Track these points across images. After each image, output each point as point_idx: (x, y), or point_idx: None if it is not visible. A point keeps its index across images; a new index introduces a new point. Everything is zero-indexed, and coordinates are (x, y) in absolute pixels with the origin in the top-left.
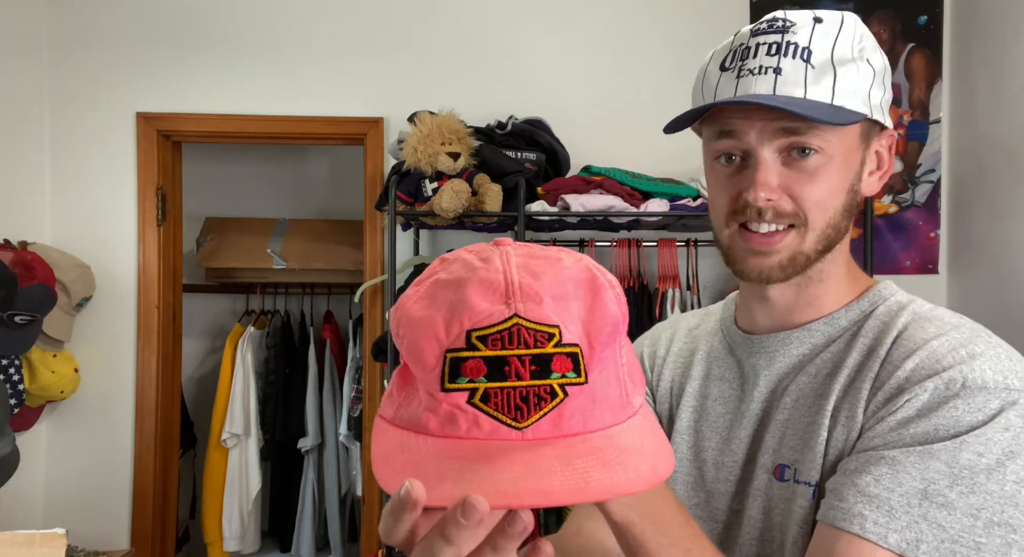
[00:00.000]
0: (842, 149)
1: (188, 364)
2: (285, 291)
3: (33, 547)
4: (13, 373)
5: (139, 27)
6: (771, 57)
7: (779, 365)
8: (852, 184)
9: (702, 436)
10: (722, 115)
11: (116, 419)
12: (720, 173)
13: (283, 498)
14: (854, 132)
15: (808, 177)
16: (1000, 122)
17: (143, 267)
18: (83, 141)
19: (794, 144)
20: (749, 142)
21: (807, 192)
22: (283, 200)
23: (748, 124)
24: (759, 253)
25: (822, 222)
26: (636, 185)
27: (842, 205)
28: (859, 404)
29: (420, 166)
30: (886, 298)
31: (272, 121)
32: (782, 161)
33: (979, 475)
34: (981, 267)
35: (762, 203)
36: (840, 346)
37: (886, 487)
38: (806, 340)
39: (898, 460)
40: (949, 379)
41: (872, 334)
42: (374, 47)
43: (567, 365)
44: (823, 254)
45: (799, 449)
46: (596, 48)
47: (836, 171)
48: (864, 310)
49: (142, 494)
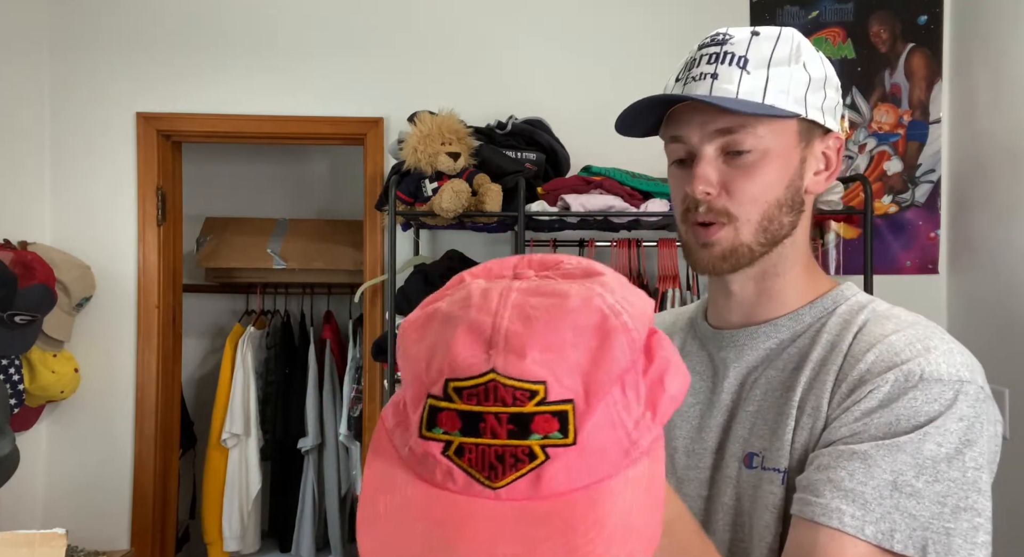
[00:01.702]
0: (778, 146)
1: (188, 364)
2: (285, 291)
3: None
4: (13, 373)
5: (139, 27)
6: (710, 65)
7: (748, 358)
8: (792, 180)
9: (672, 425)
10: (671, 122)
11: (116, 419)
12: (674, 176)
13: (283, 498)
14: (791, 131)
15: (743, 173)
16: (1000, 122)
17: (143, 267)
18: (83, 141)
19: (730, 144)
20: (693, 142)
21: (741, 187)
22: (283, 200)
23: (690, 128)
24: (704, 245)
25: (756, 214)
26: (636, 185)
27: (777, 200)
28: (824, 395)
29: (420, 166)
30: (848, 298)
31: (272, 121)
32: (723, 159)
33: (941, 464)
34: (981, 267)
35: (700, 195)
36: (805, 341)
37: (859, 481)
38: (772, 335)
39: (869, 455)
40: (908, 371)
41: (835, 331)
42: (374, 47)
43: (552, 425)
44: (768, 247)
45: (767, 438)
46: (596, 48)
47: (772, 167)
48: (827, 308)
49: (142, 494)
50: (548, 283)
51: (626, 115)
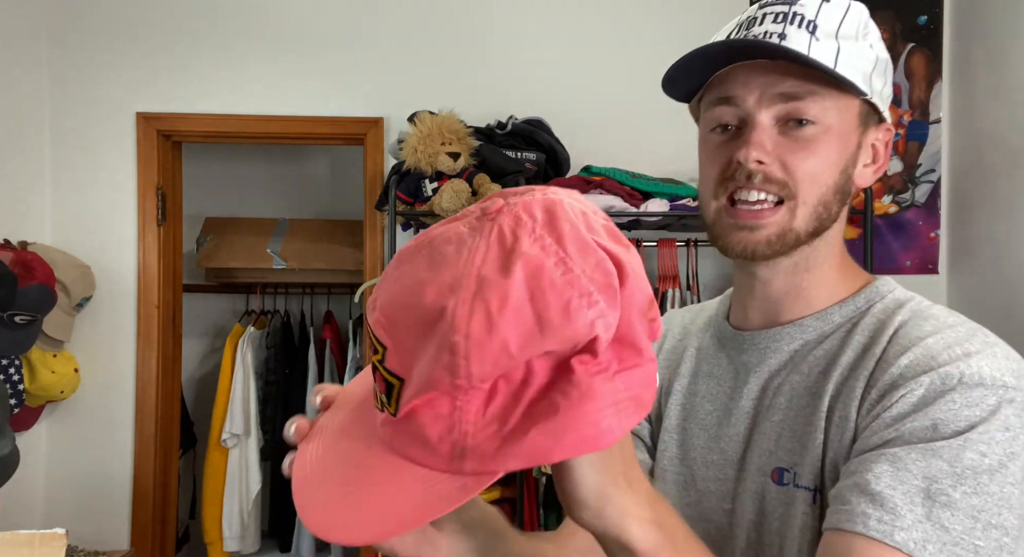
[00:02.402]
0: (840, 123)
1: (188, 364)
2: (285, 291)
3: (33, 547)
4: (13, 373)
5: (139, 27)
6: (777, 24)
7: (770, 362)
8: (847, 165)
9: (690, 434)
10: (722, 82)
11: (116, 419)
12: (712, 143)
13: (283, 498)
14: (853, 110)
15: (803, 146)
16: (1000, 122)
17: (143, 267)
18: (83, 141)
19: (792, 112)
20: (747, 107)
21: (800, 162)
22: (283, 200)
23: (747, 89)
24: (744, 227)
25: (814, 197)
26: (636, 185)
27: (835, 183)
28: (852, 403)
29: (420, 166)
30: (883, 295)
31: (272, 121)
32: (779, 130)
33: (982, 476)
34: (981, 267)
35: (752, 164)
36: (834, 343)
37: (888, 485)
38: (797, 336)
39: (899, 457)
40: (945, 374)
41: (868, 332)
42: (374, 47)
43: (383, 387)
44: (814, 236)
45: (797, 452)
46: (596, 48)
47: (833, 145)
48: (860, 307)
49: (142, 494)
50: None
51: (678, 67)
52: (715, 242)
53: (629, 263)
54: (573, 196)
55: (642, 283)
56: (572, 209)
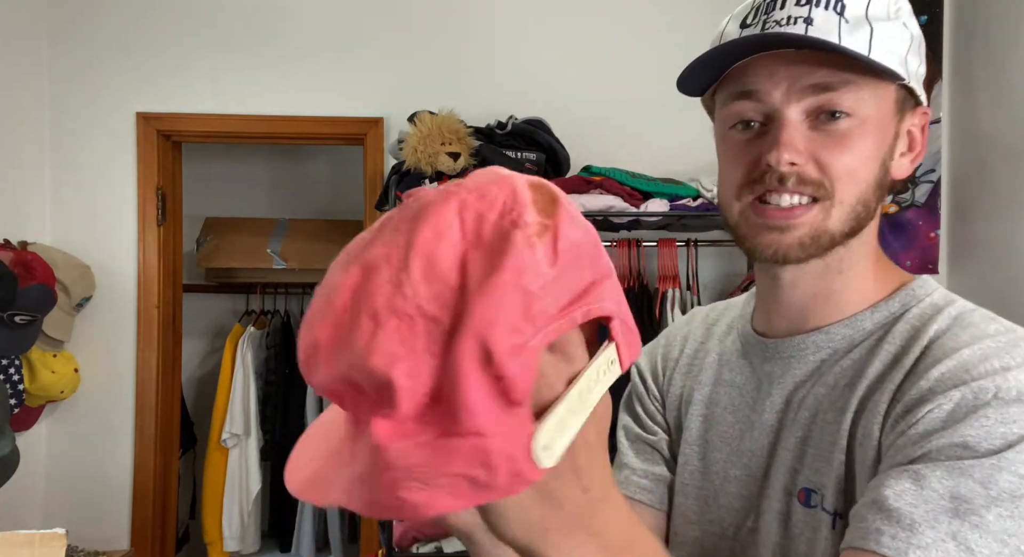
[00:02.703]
0: (877, 114)
1: (188, 364)
2: (285, 291)
3: (33, 547)
4: (13, 373)
5: (139, 27)
6: (801, 7)
7: (795, 373)
8: (884, 158)
9: (712, 447)
10: (742, 74)
11: (116, 419)
12: (735, 141)
13: (283, 498)
14: (890, 98)
15: (838, 142)
16: (1000, 122)
17: (143, 267)
18: (83, 141)
19: (824, 105)
20: (772, 102)
21: (837, 159)
22: (283, 200)
23: (772, 82)
24: (775, 228)
25: (852, 196)
26: (636, 185)
27: (874, 179)
28: (875, 419)
29: (420, 166)
30: (920, 299)
31: (272, 121)
32: (809, 125)
33: (1020, 500)
34: (981, 267)
35: (785, 167)
36: (862, 352)
37: (908, 502)
38: (824, 344)
39: (923, 475)
40: (979, 389)
41: (899, 340)
42: (374, 47)
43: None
44: (849, 236)
45: (824, 472)
46: (596, 48)
47: (870, 138)
48: (893, 312)
49: (142, 494)
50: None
51: (695, 67)
52: (741, 244)
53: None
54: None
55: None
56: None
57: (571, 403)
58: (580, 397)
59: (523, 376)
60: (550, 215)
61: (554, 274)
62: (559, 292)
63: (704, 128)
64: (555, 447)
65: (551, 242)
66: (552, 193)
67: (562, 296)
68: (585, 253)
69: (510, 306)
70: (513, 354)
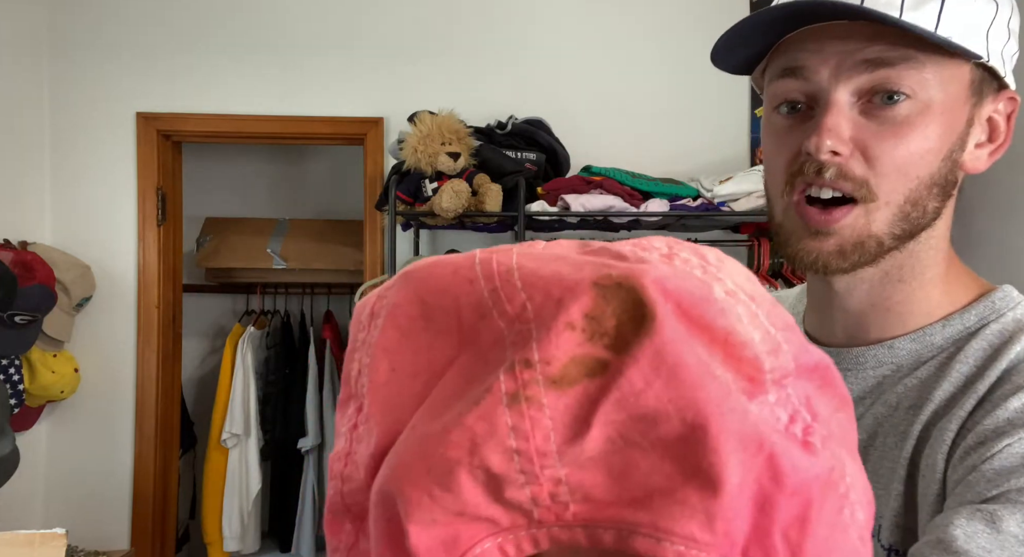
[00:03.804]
0: (944, 98)
1: (188, 364)
2: (285, 291)
3: (33, 547)
4: (13, 373)
5: (139, 27)
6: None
7: (852, 388)
8: (952, 150)
9: None
10: (790, 49)
11: (116, 419)
12: (778, 126)
13: (283, 498)
14: (963, 78)
15: (893, 130)
16: None
17: (143, 267)
18: (83, 141)
19: (879, 84)
20: (820, 81)
21: (889, 152)
22: (283, 200)
23: (820, 58)
24: (815, 233)
25: (900, 194)
26: (636, 185)
27: (933, 175)
28: (941, 448)
29: (420, 166)
30: (1001, 313)
31: (272, 121)
32: (860, 109)
33: None
34: (981, 267)
35: (825, 155)
36: (930, 371)
37: (981, 546)
38: (886, 360)
39: (999, 516)
40: None
41: (973, 360)
42: (374, 47)
43: None
44: (903, 240)
45: (881, 502)
46: (596, 48)
47: (932, 127)
48: (969, 326)
49: (142, 494)
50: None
51: (732, 35)
52: (781, 250)
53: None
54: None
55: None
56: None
57: None
58: None
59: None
60: (618, 350)
61: (578, 452)
62: (583, 477)
63: (704, 128)
64: None
65: (584, 401)
66: (648, 308)
67: (587, 485)
68: (674, 435)
69: (445, 475)
70: (428, 527)
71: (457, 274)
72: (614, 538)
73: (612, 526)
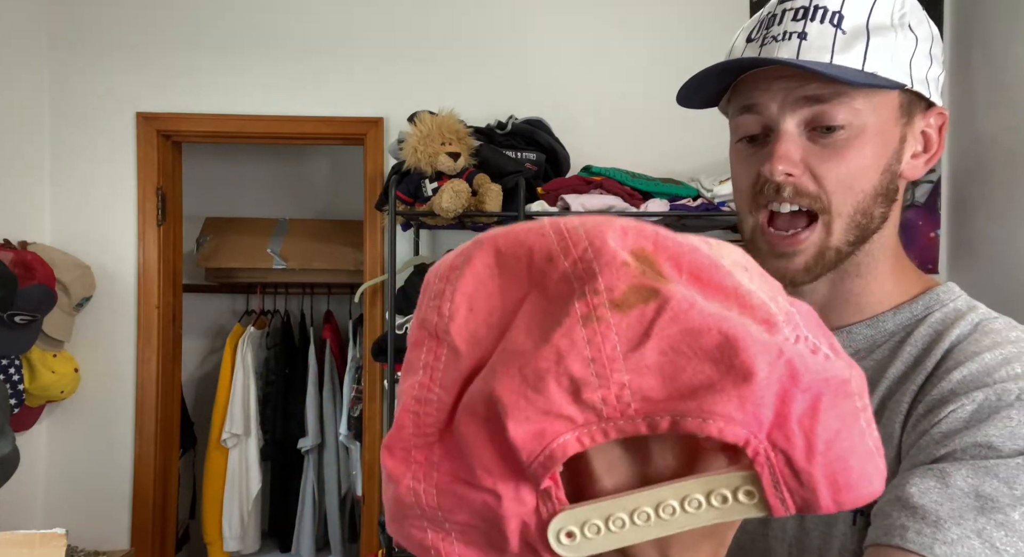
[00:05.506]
0: (876, 122)
1: (188, 364)
2: (285, 291)
3: (33, 547)
4: (13, 373)
5: (139, 27)
6: (797, 22)
7: None
8: (889, 164)
9: None
10: (745, 89)
11: (116, 419)
12: (742, 154)
13: (283, 498)
14: (891, 104)
15: (833, 153)
16: (1000, 122)
17: (143, 267)
18: (83, 141)
19: (818, 118)
20: (770, 114)
21: (831, 171)
22: (283, 200)
23: (769, 95)
24: (782, 255)
25: (849, 206)
26: (636, 185)
27: (874, 188)
28: (896, 419)
29: (420, 166)
30: (944, 304)
31: (272, 121)
32: (807, 135)
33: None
34: (981, 267)
35: (780, 177)
36: (884, 353)
37: (933, 499)
38: (846, 344)
39: (948, 473)
40: (1002, 390)
41: (921, 343)
42: (374, 47)
43: None
44: (857, 245)
45: None
46: (596, 48)
47: (868, 148)
48: (916, 314)
49: (142, 494)
50: None
51: (690, 84)
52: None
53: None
54: None
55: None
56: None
57: (615, 507)
58: (634, 507)
59: (530, 449)
60: (654, 283)
61: (638, 360)
62: (642, 382)
63: (704, 128)
64: (580, 540)
65: (642, 320)
66: (675, 250)
67: (645, 388)
68: (712, 344)
69: (537, 382)
70: (523, 423)
71: (531, 230)
72: (669, 423)
73: (667, 414)
